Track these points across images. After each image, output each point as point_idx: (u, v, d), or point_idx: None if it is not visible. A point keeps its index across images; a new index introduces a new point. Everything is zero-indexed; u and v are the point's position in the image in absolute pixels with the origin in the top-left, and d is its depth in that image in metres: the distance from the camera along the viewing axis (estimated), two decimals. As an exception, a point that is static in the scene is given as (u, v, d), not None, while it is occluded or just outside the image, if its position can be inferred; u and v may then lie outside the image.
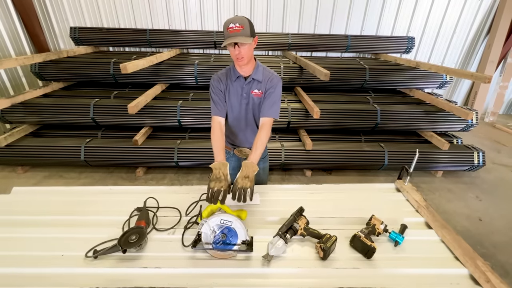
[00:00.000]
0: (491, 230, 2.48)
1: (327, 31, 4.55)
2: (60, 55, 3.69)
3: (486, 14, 4.62)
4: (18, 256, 1.11)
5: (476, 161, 3.13)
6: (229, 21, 1.30)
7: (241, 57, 1.36)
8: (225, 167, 1.33)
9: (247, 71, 1.48)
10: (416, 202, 1.46)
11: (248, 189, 1.22)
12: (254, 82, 1.50)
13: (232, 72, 1.50)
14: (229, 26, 1.29)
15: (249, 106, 1.54)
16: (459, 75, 3.07)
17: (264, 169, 1.79)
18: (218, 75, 1.54)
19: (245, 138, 1.67)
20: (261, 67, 1.52)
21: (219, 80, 1.52)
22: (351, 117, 3.26)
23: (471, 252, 1.12)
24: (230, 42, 1.29)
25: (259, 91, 1.50)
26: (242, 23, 1.29)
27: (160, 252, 1.14)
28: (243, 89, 1.50)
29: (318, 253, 1.13)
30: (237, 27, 1.28)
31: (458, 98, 5.35)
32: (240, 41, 1.29)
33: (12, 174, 3.08)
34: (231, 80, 1.51)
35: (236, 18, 1.30)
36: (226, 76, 1.52)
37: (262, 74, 1.50)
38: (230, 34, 1.29)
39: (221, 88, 1.52)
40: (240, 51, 1.34)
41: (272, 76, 1.51)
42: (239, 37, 1.29)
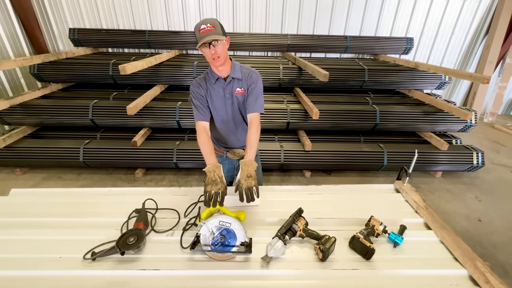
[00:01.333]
0: (491, 231, 2.48)
1: (326, 32, 4.56)
2: (59, 56, 3.69)
3: (485, 14, 4.63)
4: (16, 258, 1.11)
5: (475, 161, 3.13)
6: (200, 23, 1.30)
7: (217, 57, 1.35)
8: (219, 169, 1.32)
9: (225, 71, 1.47)
10: (415, 203, 1.46)
11: (253, 188, 1.23)
12: (235, 81, 1.49)
13: (210, 75, 1.49)
14: (200, 28, 1.29)
15: (235, 105, 1.54)
16: (458, 76, 3.07)
17: (258, 168, 1.77)
18: (196, 81, 1.52)
19: (236, 139, 1.67)
20: (238, 65, 1.51)
21: (199, 86, 1.50)
22: (350, 117, 3.26)
23: (471, 253, 1.12)
24: (205, 41, 1.29)
25: (241, 89, 1.50)
26: (213, 23, 1.30)
27: (159, 254, 1.14)
28: (225, 90, 1.50)
29: (317, 254, 1.13)
30: (208, 27, 1.28)
31: (457, 98, 5.36)
32: (215, 38, 1.29)
33: (10, 176, 3.07)
34: (210, 84, 1.50)
35: (206, 20, 1.31)
36: (205, 80, 1.51)
37: (240, 72, 1.50)
38: (203, 35, 1.29)
39: (202, 93, 1.51)
40: (216, 50, 1.33)
41: (250, 72, 1.52)
42: (212, 35, 1.29)
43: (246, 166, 1.31)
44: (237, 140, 1.67)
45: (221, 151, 1.72)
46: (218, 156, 1.71)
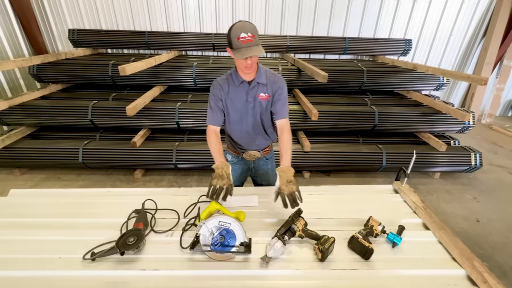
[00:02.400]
0: (489, 231, 2.49)
1: (325, 34, 4.58)
2: (58, 57, 3.69)
3: (482, 16, 4.67)
4: (16, 259, 1.11)
5: (474, 162, 3.14)
6: (239, 29, 1.22)
7: (251, 67, 1.33)
8: (227, 167, 1.34)
9: (251, 75, 1.45)
10: (414, 203, 1.47)
11: (296, 192, 1.22)
12: (259, 86, 1.46)
13: (234, 78, 1.45)
14: (240, 36, 1.21)
15: (256, 110, 1.51)
16: (456, 77, 3.09)
17: (273, 168, 1.79)
18: (219, 82, 1.49)
19: (254, 142, 1.64)
20: (263, 70, 1.48)
21: (220, 88, 1.47)
22: (349, 119, 3.28)
23: (469, 253, 1.13)
24: (247, 56, 1.22)
25: (266, 94, 1.47)
26: (253, 32, 1.22)
27: (158, 254, 1.14)
28: (248, 94, 1.47)
29: (316, 254, 1.13)
30: (249, 37, 1.21)
31: (455, 100, 5.39)
32: (257, 54, 1.23)
33: (9, 177, 3.07)
34: (234, 86, 1.46)
35: (246, 26, 1.23)
36: (227, 82, 1.47)
37: (265, 77, 1.47)
38: (243, 45, 1.22)
39: (222, 96, 1.48)
40: (252, 62, 1.29)
41: (275, 77, 1.49)
42: (254, 48, 1.23)
43: (284, 172, 1.29)
44: (254, 143, 1.64)
45: (237, 152, 1.69)
46: (234, 157, 1.71)
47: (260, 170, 1.74)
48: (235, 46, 1.25)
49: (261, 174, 1.76)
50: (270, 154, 1.75)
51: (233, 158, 1.71)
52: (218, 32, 4.44)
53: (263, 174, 1.75)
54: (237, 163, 1.71)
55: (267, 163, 1.75)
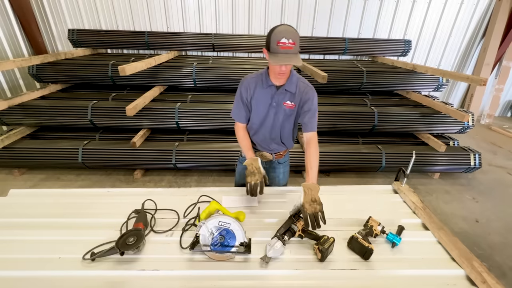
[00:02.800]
0: (488, 231, 2.50)
1: (325, 34, 4.59)
2: (58, 57, 3.68)
3: (482, 17, 4.68)
4: (15, 259, 1.11)
5: (473, 163, 3.15)
6: (281, 33, 1.17)
7: (283, 73, 1.29)
8: (257, 162, 1.40)
9: (283, 81, 1.40)
10: (413, 204, 1.47)
11: (319, 213, 1.16)
12: (287, 93, 1.41)
13: (264, 79, 1.42)
14: (280, 41, 1.16)
15: (278, 116, 1.47)
16: (455, 78, 3.10)
17: (285, 173, 1.77)
18: (248, 82, 1.45)
19: (267, 144, 1.61)
20: (295, 78, 1.42)
21: (247, 88, 1.45)
22: (348, 119, 3.28)
23: (468, 253, 1.13)
24: (282, 64, 1.19)
25: (292, 103, 1.42)
26: (294, 39, 1.17)
27: (158, 254, 1.14)
28: (273, 98, 1.43)
29: (316, 254, 1.14)
30: (290, 43, 1.16)
31: (455, 100, 5.40)
32: (293, 63, 1.19)
33: (8, 177, 3.06)
34: (261, 87, 1.43)
35: (289, 31, 1.18)
36: (255, 83, 1.44)
37: (296, 86, 1.41)
38: (281, 51, 1.17)
39: (248, 96, 1.46)
40: (287, 69, 1.26)
41: (307, 88, 1.42)
42: (292, 57, 1.18)
43: (309, 190, 1.24)
44: (268, 148, 1.62)
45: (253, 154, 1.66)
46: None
47: (271, 173, 1.72)
48: (272, 50, 1.20)
49: (271, 177, 1.73)
50: (283, 159, 1.71)
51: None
52: (218, 32, 4.44)
53: (272, 177, 1.73)
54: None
55: (279, 167, 1.72)
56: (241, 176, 1.73)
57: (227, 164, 3.04)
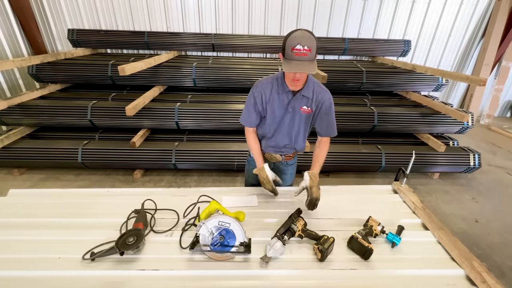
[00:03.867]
0: (487, 232, 2.50)
1: (325, 34, 4.59)
2: (57, 57, 3.68)
3: (481, 17, 4.68)
4: (15, 259, 1.11)
5: (472, 163, 3.15)
6: (297, 39, 1.12)
7: (298, 80, 1.26)
8: (263, 171, 1.48)
9: (299, 86, 1.36)
10: (413, 204, 1.47)
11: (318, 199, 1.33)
12: (303, 99, 1.40)
13: (280, 84, 1.38)
14: (295, 47, 1.12)
15: (294, 121, 1.46)
16: (454, 78, 3.10)
17: (292, 174, 1.78)
18: (263, 87, 1.41)
19: (278, 148, 1.59)
20: (312, 82, 1.40)
21: (262, 93, 1.41)
22: (348, 119, 3.28)
23: (467, 253, 1.13)
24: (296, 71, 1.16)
25: (308, 108, 1.41)
26: (310, 46, 1.12)
27: (158, 254, 1.14)
28: (289, 103, 1.40)
29: (316, 254, 1.14)
30: (305, 50, 1.12)
31: (454, 100, 5.41)
32: (307, 72, 1.15)
33: (8, 177, 3.06)
34: (277, 93, 1.40)
35: (306, 38, 1.13)
36: (271, 87, 1.40)
37: (312, 91, 1.39)
38: (295, 58, 1.13)
39: (262, 102, 1.43)
40: (301, 76, 1.24)
41: (323, 92, 1.41)
42: (306, 64, 1.14)
43: (314, 177, 1.39)
44: (279, 150, 1.60)
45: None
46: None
47: (279, 174, 1.71)
48: (287, 56, 1.17)
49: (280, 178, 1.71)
50: (292, 161, 1.71)
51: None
52: (218, 32, 4.44)
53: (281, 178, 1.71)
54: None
55: (288, 168, 1.72)
56: (250, 176, 1.73)
57: (227, 164, 3.04)
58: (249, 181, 1.78)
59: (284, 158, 1.65)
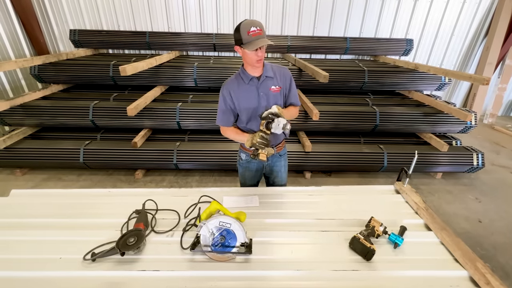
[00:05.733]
0: (491, 232, 2.48)
1: (326, 33, 4.57)
2: (59, 57, 3.70)
3: (484, 16, 4.64)
4: (16, 259, 1.11)
5: (475, 162, 3.13)
6: (249, 24, 1.31)
7: (261, 59, 1.40)
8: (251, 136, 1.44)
9: (259, 71, 1.50)
10: (416, 204, 1.46)
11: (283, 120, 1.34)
12: (268, 79, 1.51)
13: (243, 76, 1.50)
14: (250, 30, 1.30)
15: (269, 103, 1.52)
16: (457, 77, 3.07)
17: (285, 166, 1.80)
18: (228, 84, 1.52)
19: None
20: (269, 65, 1.54)
21: (230, 90, 1.51)
22: (350, 119, 3.26)
23: (471, 254, 1.12)
24: (260, 45, 1.31)
25: (276, 86, 1.52)
26: (261, 27, 1.33)
27: (159, 254, 1.14)
28: (259, 89, 1.50)
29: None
30: (258, 30, 1.31)
31: (457, 100, 5.37)
32: (269, 43, 1.32)
33: (10, 177, 3.07)
34: (243, 84, 1.50)
35: (255, 22, 1.32)
36: (236, 81, 1.51)
37: (272, 70, 1.52)
38: (254, 38, 1.31)
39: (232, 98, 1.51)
40: (262, 54, 1.38)
41: (282, 69, 1.56)
42: (264, 39, 1.32)
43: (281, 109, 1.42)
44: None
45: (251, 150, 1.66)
46: (248, 155, 1.69)
47: (274, 167, 1.75)
48: (245, 40, 1.32)
49: (275, 172, 1.77)
50: (283, 151, 1.75)
51: (247, 157, 1.69)
52: (219, 32, 4.44)
53: (276, 171, 1.76)
54: (251, 162, 1.71)
55: (281, 159, 1.75)
56: (244, 178, 1.78)
57: (228, 164, 3.03)
58: (247, 183, 1.79)
59: (276, 150, 1.67)
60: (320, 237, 1.24)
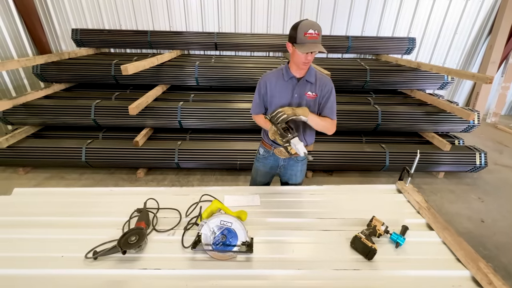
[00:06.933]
0: (494, 232, 2.46)
1: (328, 32, 4.55)
2: (61, 56, 3.71)
3: (488, 14, 4.60)
4: (18, 257, 1.12)
5: (478, 162, 3.11)
6: (308, 25, 1.28)
7: (308, 62, 1.38)
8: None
9: (303, 72, 1.47)
10: (417, 203, 1.45)
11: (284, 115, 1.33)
12: (308, 84, 1.49)
13: (285, 73, 1.49)
14: (308, 32, 1.27)
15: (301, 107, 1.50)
16: (460, 76, 3.05)
17: (302, 171, 1.77)
18: (267, 77, 1.52)
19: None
20: (314, 70, 1.51)
21: (267, 82, 1.51)
22: (352, 118, 3.25)
23: (473, 254, 1.11)
24: (312, 50, 1.28)
25: (313, 93, 1.49)
26: (319, 31, 1.30)
27: (160, 253, 1.14)
28: (294, 89, 1.49)
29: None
30: (316, 34, 1.28)
31: (460, 99, 5.33)
32: (321, 51, 1.29)
33: (13, 175, 3.09)
34: (282, 80, 1.49)
35: (315, 24, 1.29)
36: (276, 76, 1.51)
37: (315, 77, 1.50)
38: (309, 41, 1.28)
39: (267, 90, 1.52)
40: (312, 58, 1.35)
41: (325, 79, 1.52)
42: (318, 45, 1.29)
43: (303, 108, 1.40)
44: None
45: (269, 146, 1.66)
46: (266, 151, 1.69)
47: (289, 170, 1.72)
48: (299, 40, 1.30)
49: (289, 174, 1.74)
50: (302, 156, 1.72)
51: (265, 152, 1.69)
52: (220, 31, 4.43)
53: (291, 174, 1.73)
54: (268, 158, 1.70)
55: (297, 164, 1.71)
56: (258, 174, 1.77)
57: (229, 163, 3.03)
58: (257, 179, 1.78)
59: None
60: (322, 237, 1.24)
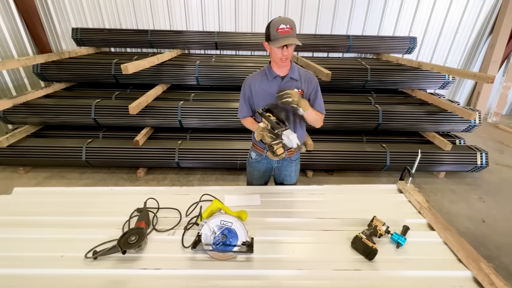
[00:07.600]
0: (495, 232, 2.46)
1: (329, 32, 4.54)
2: (62, 56, 3.70)
3: (489, 13, 4.58)
4: (18, 257, 1.11)
5: (479, 161, 3.10)
6: (279, 21, 1.30)
7: (286, 58, 1.38)
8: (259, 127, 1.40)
9: (285, 70, 1.48)
10: (418, 203, 1.45)
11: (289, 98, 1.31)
12: (293, 82, 1.49)
13: (268, 73, 1.49)
14: (279, 27, 1.29)
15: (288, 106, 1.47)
16: (461, 75, 3.05)
17: (296, 171, 1.76)
18: (251, 79, 1.53)
19: None
20: (296, 67, 1.52)
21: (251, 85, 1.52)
22: (352, 117, 3.25)
23: (475, 254, 1.11)
24: (286, 43, 1.29)
25: (299, 90, 1.49)
26: (291, 25, 1.31)
27: (160, 253, 1.14)
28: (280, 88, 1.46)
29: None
30: (288, 28, 1.29)
31: (461, 98, 5.32)
32: (296, 43, 1.31)
33: (13, 175, 3.09)
34: (266, 81, 1.49)
35: (286, 20, 1.31)
36: (260, 77, 1.51)
37: (298, 73, 1.50)
38: (281, 35, 1.30)
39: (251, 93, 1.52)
40: (288, 52, 1.35)
41: (309, 74, 1.53)
42: (291, 38, 1.30)
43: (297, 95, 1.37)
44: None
45: (262, 149, 1.65)
46: (258, 155, 1.68)
47: (283, 171, 1.71)
48: (273, 37, 1.32)
49: (284, 175, 1.73)
50: (295, 156, 1.70)
51: (257, 156, 1.68)
52: (221, 30, 4.42)
53: (285, 175, 1.73)
54: (261, 162, 1.68)
55: (291, 164, 1.70)
56: (252, 177, 1.76)
57: (230, 162, 3.03)
58: (253, 183, 1.77)
59: (287, 154, 1.62)
60: (322, 236, 1.24)
